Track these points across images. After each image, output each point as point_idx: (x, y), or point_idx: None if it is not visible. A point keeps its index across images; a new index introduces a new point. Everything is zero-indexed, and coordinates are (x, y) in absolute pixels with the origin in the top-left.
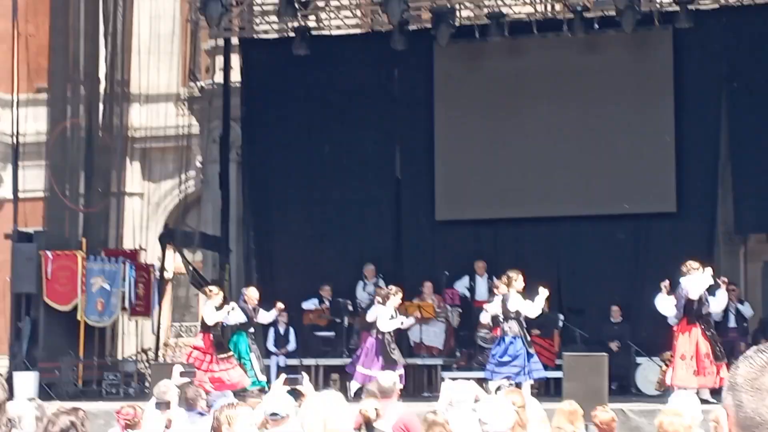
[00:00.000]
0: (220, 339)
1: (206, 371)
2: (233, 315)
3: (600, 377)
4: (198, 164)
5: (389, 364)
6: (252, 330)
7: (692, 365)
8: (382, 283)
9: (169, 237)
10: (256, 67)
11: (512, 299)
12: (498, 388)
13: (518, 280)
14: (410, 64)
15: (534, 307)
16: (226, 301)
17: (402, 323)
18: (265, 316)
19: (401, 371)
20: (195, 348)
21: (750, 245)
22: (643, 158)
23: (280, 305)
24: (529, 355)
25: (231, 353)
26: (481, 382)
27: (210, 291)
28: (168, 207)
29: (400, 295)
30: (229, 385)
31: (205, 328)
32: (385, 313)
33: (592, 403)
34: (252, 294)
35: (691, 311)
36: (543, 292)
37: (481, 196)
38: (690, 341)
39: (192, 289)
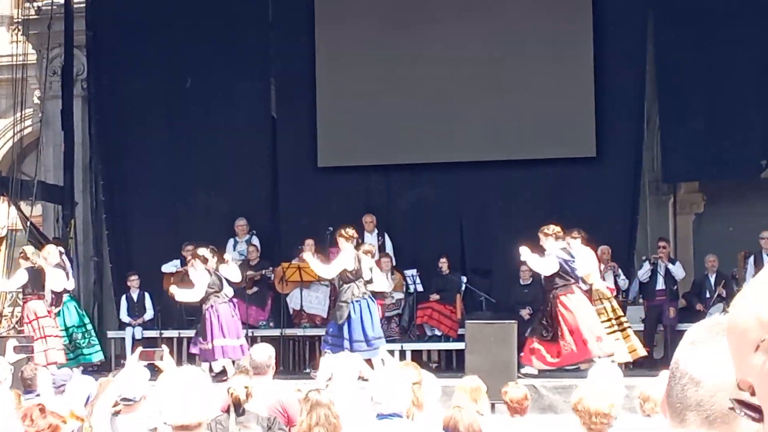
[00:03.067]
0: None
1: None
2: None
3: (508, 349)
4: (36, 100)
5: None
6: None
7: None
8: (255, 240)
9: (2, 187)
10: None
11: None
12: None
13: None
14: None
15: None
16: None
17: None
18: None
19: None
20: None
21: (680, 195)
22: (559, 95)
23: None
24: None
25: None
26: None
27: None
28: (1, 151)
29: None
30: None
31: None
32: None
33: (499, 379)
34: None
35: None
36: None
37: (371, 139)
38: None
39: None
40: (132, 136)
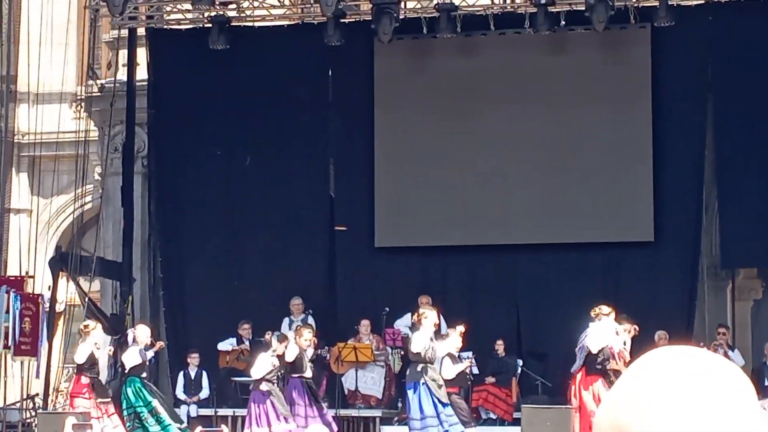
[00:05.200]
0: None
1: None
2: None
3: None
4: (97, 177)
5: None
6: (144, 375)
7: None
8: (311, 319)
9: (61, 262)
10: (166, 63)
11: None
12: None
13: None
14: (347, 62)
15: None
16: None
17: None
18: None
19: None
20: (75, 395)
21: (738, 281)
22: (617, 177)
23: (160, 343)
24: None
25: (108, 399)
26: None
27: (86, 327)
28: (61, 227)
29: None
30: None
31: (79, 368)
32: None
33: None
34: (142, 332)
35: (592, 362)
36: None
37: (428, 220)
38: (594, 397)
39: None
40: (191, 214)
